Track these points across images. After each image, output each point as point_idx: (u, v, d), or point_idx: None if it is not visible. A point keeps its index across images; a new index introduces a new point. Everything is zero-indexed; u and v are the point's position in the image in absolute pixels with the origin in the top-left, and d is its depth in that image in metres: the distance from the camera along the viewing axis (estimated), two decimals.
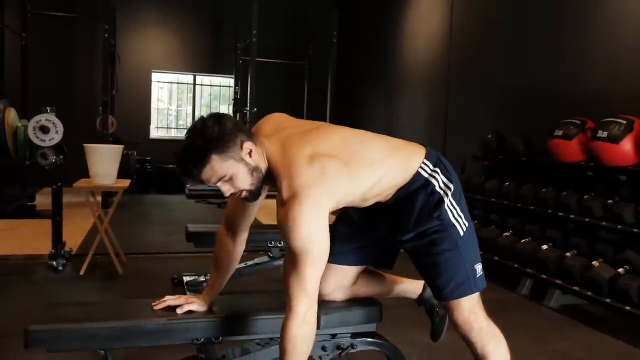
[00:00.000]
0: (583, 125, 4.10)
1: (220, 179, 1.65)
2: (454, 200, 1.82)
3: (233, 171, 1.64)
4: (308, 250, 1.61)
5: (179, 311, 1.84)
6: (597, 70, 4.68)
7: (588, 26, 4.80)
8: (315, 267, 1.64)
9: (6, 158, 4.52)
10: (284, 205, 1.62)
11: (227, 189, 1.68)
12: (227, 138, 1.62)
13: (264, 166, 1.71)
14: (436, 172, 1.82)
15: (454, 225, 1.81)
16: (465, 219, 1.84)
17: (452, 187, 1.82)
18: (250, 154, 1.66)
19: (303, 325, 1.61)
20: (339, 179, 1.67)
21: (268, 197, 2.06)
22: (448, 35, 7.06)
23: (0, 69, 7.12)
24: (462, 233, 1.82)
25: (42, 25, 8.76)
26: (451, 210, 1.81)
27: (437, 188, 1.80)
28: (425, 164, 1.82)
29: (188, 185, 9.76)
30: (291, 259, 1.64)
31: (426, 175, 1.80)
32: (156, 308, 1.86)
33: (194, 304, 1.87)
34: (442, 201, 1.79)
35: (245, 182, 1.68)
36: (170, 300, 1.88)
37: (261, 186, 1.73)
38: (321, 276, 1.67)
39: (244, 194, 1.71)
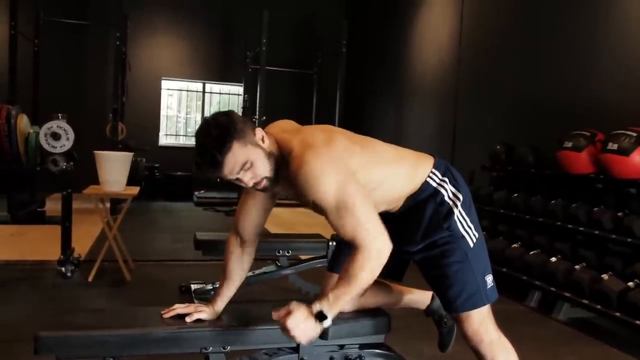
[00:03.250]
0: (592, 137, 4.09)
1: (242, 167, 1.65)
2: (464, 210, 1.82)
3: (253, 157, 1.66)
4: (343, 194, 1.62)
5: (188, 319, 1.84)
6: (607, 82, 4.67)
7: (598, 37, 4.80)
8: (362, 203, 1.64)
9: (17, 163, 4.56)
10: (297, 165, 1.64)
11: (249, 178, 1.68)
12: (241, 126, 1.65)
13: (276, 152, 1.73)
14: (444, 181, 1.82)
15: (463, 236, 1.81)
16: (475, 229, 1.84)
17: (460, 197, 1.82)
18: (263, 139, 1.70)
19: (373, 260, 1.62)
20: (350, 150, 1.73)
21: (276, 205, 2.07)
22: (457, 44, 7.07)
23: (13, 75, 7.19)
24: (471, 244, 1.82)
25: (54, 32, 8.84)
26: (461, 222, 1.81)
27: (446, 198, 1.81)
28: (434, 173, 1.83)
29: (196, 193, 9.80)
30: (336, 214, 1.64)
31: (434, 185, 1.81)
32: (165, 316, 1.87)
33: (203, 312, 1.88)
34: (451, 212, 1.80)
35: (264, 167, 1.68)
36: (179, 309, 1.89)
37: (277, 172, 1.72)
38: (372, 208, 1.67)
39: (264, 182, 1.70)
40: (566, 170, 4.26)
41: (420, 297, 2.23)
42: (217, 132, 1.62)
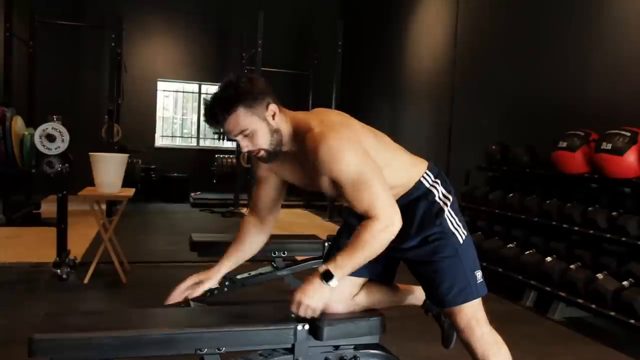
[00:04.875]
0: (587, 137, 4.10)
1: (242, 132, 1.74)
2: (452, 211, 1.91)
3: (255, 127, 1.75)
4: (362, 170, 1.70)
5: (193, 295, 1.92)
6: (601, 82, 4.69)
7: (591, 37, 4.82)
8: (378, 179, 1.72)
9: (12, 166, 4.54)
10: (318, 141, 1.70)
11: (245, 144, 1.77)
12: (256, 95, 1.74)
13: (286, 130, 1.81)
14: (437, 182, 1.92)
15: (453, 233, 1.89)
16: (463, 228, 1.93)
17: (451, 198, 1.92)
18: (273, 116, 1.78)
19: (385, 230, 1.70)
20: (364, 134, 1.83)
21: None
22: (452, 45, 7.09)
23: (8, 76, 7.18)
24: (461, 241, 1.90)
25: (49, 34, 8.83)
26: (450, 220, 1.89)
27: (437, 198, 1.90)
28: (428, 174, 1.92)
29: (192, 194, 9.79)
30: (353, 187, 1.71)
31: (427, 185, 1.90)
32: (168, 302, 1.93)
33: (208, 281, 1.96)
34: (442, 210, 1.89)
35: (264, 140, 1.77)
36: (180, 288, 1.98)
37: (279, 149, 1.81)
38: (386, 184, 1.75)
39: (261, 152, 1.80)
40: (561, 170, 4.28)
41: (416, 293, 2.24)
42: (230, 92, 1.72)
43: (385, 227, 1.70)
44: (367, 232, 1.70)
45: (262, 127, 1.75)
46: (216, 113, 1.73)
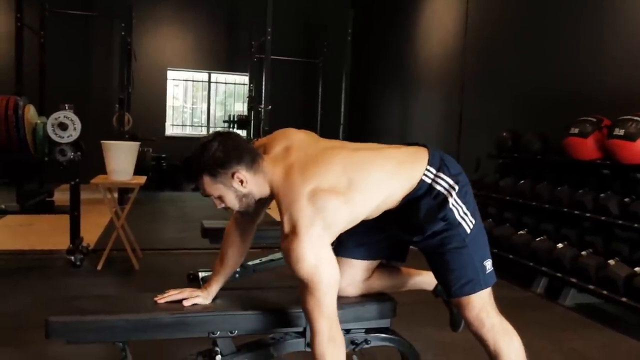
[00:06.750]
0: (599, 123, 4.07)
1: (209, 195, 1.81)
2: (459, 198, 1.83)
3: (221, 193, 1.79)
4: (316, 279, 1.68)
5: (186, 303, 1.87)
6: (613, 68, 4.64)
7: (603, 23, 4.76)
8: (328, 292, 1.70)
9: (25, 154, 4.58)
10: (286, 239, 1.70)
11: (217, 203, 1.84)
12: (221, 165, 1.74)
13: (260, 192, 1.80)
14: (439, 176, 1.83)
15: (460, 223, 1.83)
16: (471, 215, 1.85)
17: (456, 187, 1.82)
18: (242, 182, 1.76)
19: (329, 343, 1.68)
20: (339, 214, 1.72)
21: None
22: (462, 33, 7.03)
23: (19, 66, 7.22)
24: (469, 230, 1.84)
25: (60, 23, 8.87)
26: (456, 208, 1.82)
27: (440, 188, 1.82)
28: (428, 170, 1.83)
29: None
30: (303, 287, 1.71)
31: (429, 181, 1.82)
32: (159, 302, 1.89)
33: (198, 297, 1.91)
34: (445, 201, 1.81)
35: (232, 204, 1.82)
36: (173, 295, 1.91)
37: (252, 207, 1.84)
38: (336, 296, 1.73)
39: (234, 210, 1.86)
40: (572, 156, 4.25)
41: (427, 278, 2.23)
42: (195, 163, 1.77)
43: (327, 340, 1.68)
44: (317, 358, 1.69)
45: (228, 193, 1.79)
46: (184, 178, 1.82)
